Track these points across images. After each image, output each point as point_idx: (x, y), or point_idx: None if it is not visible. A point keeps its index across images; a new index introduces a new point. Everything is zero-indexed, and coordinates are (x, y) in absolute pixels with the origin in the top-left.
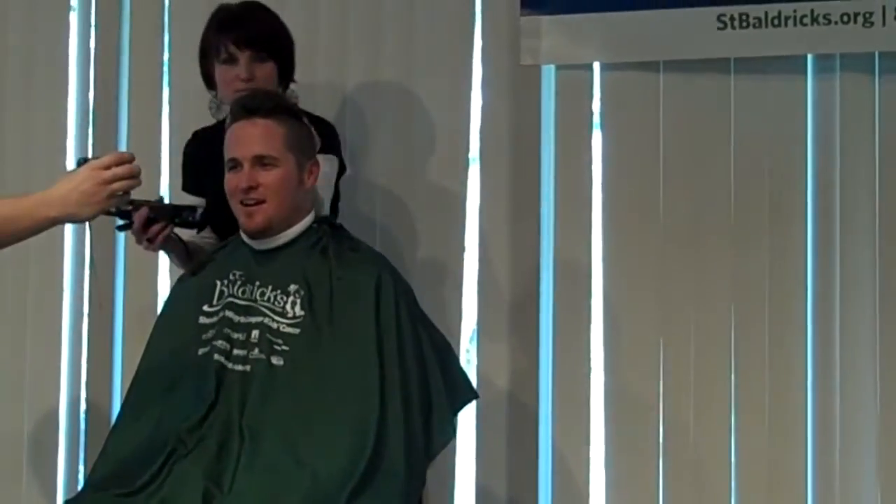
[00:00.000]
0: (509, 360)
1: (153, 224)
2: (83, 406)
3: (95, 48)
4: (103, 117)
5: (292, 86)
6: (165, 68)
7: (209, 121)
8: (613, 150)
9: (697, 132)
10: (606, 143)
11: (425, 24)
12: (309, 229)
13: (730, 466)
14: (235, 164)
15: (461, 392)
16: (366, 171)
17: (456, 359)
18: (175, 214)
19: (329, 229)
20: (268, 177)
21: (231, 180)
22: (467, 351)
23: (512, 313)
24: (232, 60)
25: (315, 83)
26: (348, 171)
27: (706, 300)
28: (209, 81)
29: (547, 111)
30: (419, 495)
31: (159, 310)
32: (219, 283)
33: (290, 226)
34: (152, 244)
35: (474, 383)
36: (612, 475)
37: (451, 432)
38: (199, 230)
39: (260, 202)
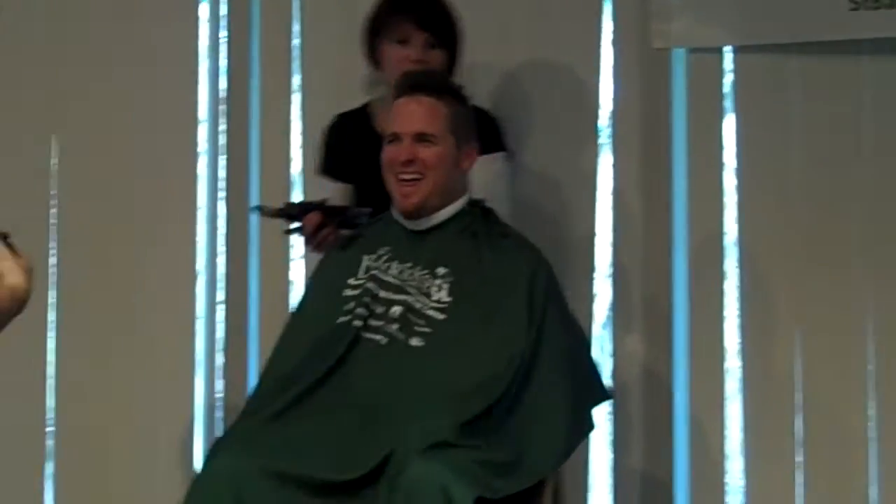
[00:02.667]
0: (643, 345)
1: (323, 228)
2: (218, 400)
3: (227, 37)
4: (234, 106)
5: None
6: (297, 54)
7: (339, 106)
8: (746, 133)
9: (831, 114)
10: (738, 127)
11: (555, 7)
12: (461, 212)
13: (869, 453)
14: (396, 138)
15: (598, 391)
16: None
17: (592, 358)
18: (344, 218)
19: (480, 213)
20: (427, 152)
21: (389, 152)
22: (599, 336)
23: (645, 298)
24: (406, 41)
25: None
26: None
27: (843, 285)
28: (373, 58)
29: (678, 94)
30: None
31: (292, 299)
32: (365, 257)
33: (442, 207)
34: (320, 248)
35: (608, 368)
36: (750, 461)
37: (589, 427)
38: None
39: (417, 178)
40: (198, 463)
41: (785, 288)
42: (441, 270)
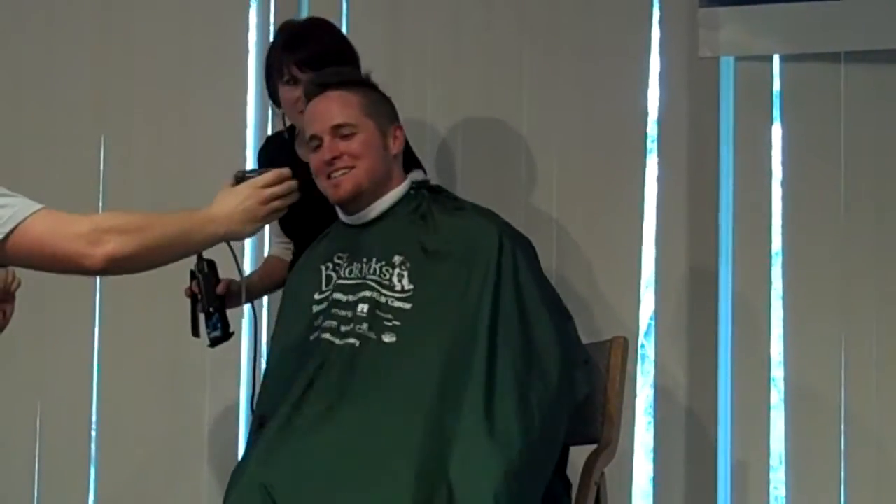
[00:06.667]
0: (686, 356)
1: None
2: None
3: None
4: None
5: None
6: None
7: None
8: (793, 142)
9: (880, 124)
10: (786, 136)
11: (603, 16)
12: (406, 196)
13: None
14: (317, 142)
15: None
16: (542, 163)
17: (573, 325)
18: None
19: (428, 193)
20: (350, 145)
21: (314, 159)
22: (642, 346)
23: (689, 308)
24: (295, 81)
25: (491, 74)
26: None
27: (889, 296)
28: (276, 98)
29: (725, 103)
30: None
31: None
32: (323, 268)
33: (381, 195)
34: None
35: (650, 377)
36: (793, 476)
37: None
38: None
39: (346, 170)
40: None
41: (830, 297)
42: (397, 259)
